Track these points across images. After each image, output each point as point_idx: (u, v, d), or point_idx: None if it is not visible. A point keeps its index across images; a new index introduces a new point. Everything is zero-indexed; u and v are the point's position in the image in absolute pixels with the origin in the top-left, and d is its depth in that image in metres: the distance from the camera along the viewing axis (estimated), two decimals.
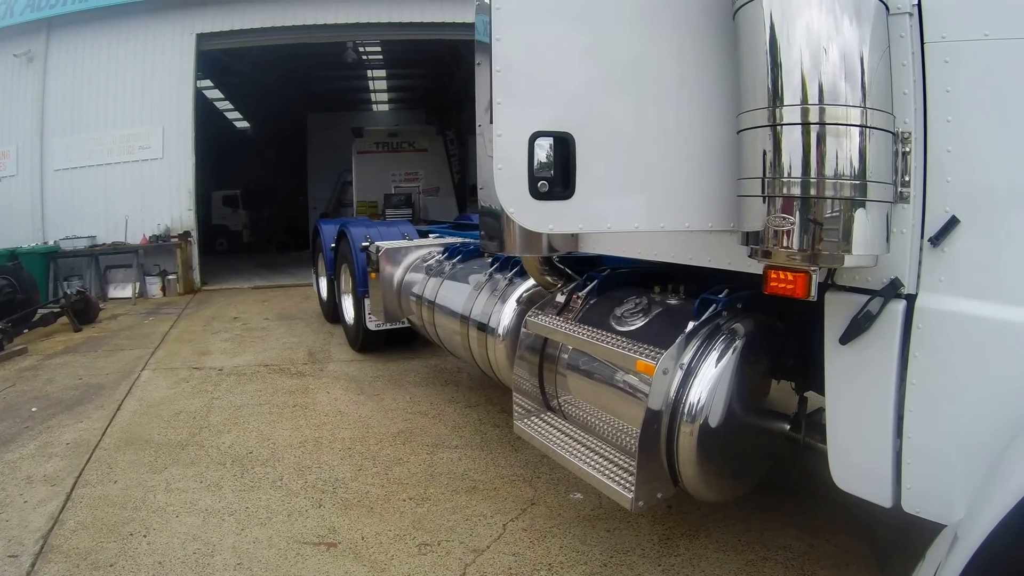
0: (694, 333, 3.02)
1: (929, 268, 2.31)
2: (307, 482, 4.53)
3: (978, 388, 2.19)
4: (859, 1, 2.12)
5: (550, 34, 2.35)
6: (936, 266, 2.29)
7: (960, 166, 2.22)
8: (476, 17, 2.60)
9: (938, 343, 2.28)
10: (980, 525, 1.81)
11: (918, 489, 2.40)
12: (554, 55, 2.36)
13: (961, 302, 2.22)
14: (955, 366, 2.25)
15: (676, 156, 2.57)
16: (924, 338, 2.31)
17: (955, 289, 2.24)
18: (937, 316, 2.27)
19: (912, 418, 2.36)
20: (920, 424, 2.35)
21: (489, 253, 5.12)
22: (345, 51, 18.27)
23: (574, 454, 3.37)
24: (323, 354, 8.16)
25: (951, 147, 2.23)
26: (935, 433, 2.32)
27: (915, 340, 2.33)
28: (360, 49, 19.62)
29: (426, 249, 6.76)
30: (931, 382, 2.30)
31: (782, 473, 4.19)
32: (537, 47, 2.33)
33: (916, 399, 2.35)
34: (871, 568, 3.60)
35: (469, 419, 5.75)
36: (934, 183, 2.28)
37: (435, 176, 21.11)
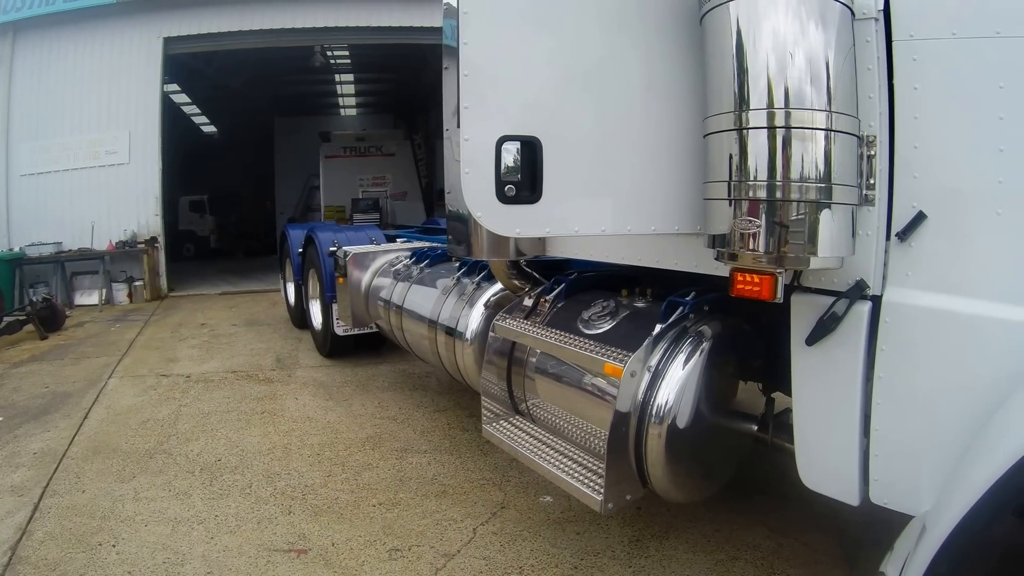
0: (661, 335, 3.04)
1: (896, 263, 2.34)
2: (276, 489, 4.49)
3: (944, 381, 2.22)
4: (825, 6, 2.15)
5: (517, 38, 2.35)
6: (903, 261, 2.32)
7: (927, 163, 2.26)
8: (444, 21, 2.60)
9: (904, 336, 2.31)
10: (948, 515, 1.83)
11: (885, 481, 2.43)
12: (521, 59, 2.36)
13: (927, 296, 2.25)
14: (921, 359, 2.28)
15: (643, 160, 2.58)
16: (891, 332, 2.34)
17: (921, 284, 2.28)
18: (903, 310, 2.31)
19: (879, 411, 2.40)
20: (887, 417, 2.38)
21: (457, 257, 5.12)
22: (313, 55, 18.13)
23: (543, 457, 3.37)
24: (291, 360, 8.09)
25: (918, 144, 2.27)
26: (902, 425, 2.35)
27: (882, 334, 2.36)
28: (328, 53, 19.49)
29: (394, 254, 6.73)
30: (898, 375, 2.33)
31: (750, 473, 4.23)
32: (504, 51, 2.33)
33: (883, 392, 2.38)
34: (840, 566, 3.65)
35: (438, 423, 5.73)
36: (901, 179, 2.31)
37: (403, 180, 21.02)
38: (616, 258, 3.49)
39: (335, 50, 19.77)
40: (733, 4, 2.20)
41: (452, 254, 4.09)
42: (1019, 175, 2.07)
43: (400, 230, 9.36)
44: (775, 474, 4.25)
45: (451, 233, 3.51)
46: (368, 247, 7.03)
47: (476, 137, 2.32)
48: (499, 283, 4.38)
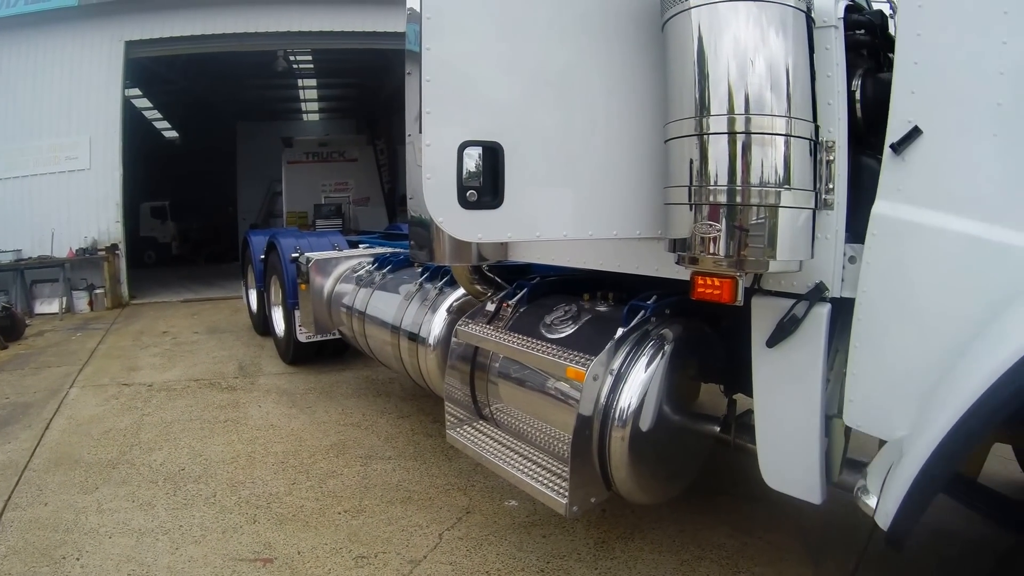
0: (623, 339, 3.06)
1: (887, 177, 2.31)
2: (241, 498, 4.43)
3: (927, 299, 2.21)
4: (785, 14, 2.19)
5: (480, 44, 2.36)
6: (894, 175, 2.29)
7: (925, 78, 2.22)
8: (407, 26, 2.60)
9: (890, 250, 2.30)
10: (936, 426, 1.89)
11: (861, 402, 2.41)
12: (484, 65, 2.37)
13: (916, 211, 2.23)
14: (905, 274, 2.26)
15: (604, 165, 2.61)
16: (876, 245, 2.33)
17: (911, 199, 2.25)
18: (891, 224, 2.29)
19: (859, 327, 2.38)
20: (867, 334, 2.37)
21: (419, 263, 5.13)
22: (276, 60, 17.94)
23: (507, 462, 3.38)
24: (254, 367, 7.99)
25: (918, 60, 2.23)
26: (882, 343, 2.34)
27: (868, 247, 2.35)
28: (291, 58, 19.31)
29: (356, 260, 6.70)
30: (881, 291, 2.32)
31: (714, 474, 4.29)
32: (467, 57, 2.34)
33: (864, 309, 2.36)
34: (804, 563, 3.71)
35: (402, 429, 5.71)
36: (899, 94, 2.27)
37: (365, 186, 20.95)
38: (578, 262, 3.52)
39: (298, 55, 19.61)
40: (695, 11, 2.24)
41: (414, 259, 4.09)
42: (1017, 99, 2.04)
43: (363, 236, 9.32)
44: (738, 474, 4.33)
45: (413, 238, 3.51)
46: (330, 253, 6.99)
47: (438, 142, 2.33)
48: (461, 288, 4.38)
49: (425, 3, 2.26)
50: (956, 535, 4.03)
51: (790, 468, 2.76)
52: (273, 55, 17.49)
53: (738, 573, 3.61)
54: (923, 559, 3.81)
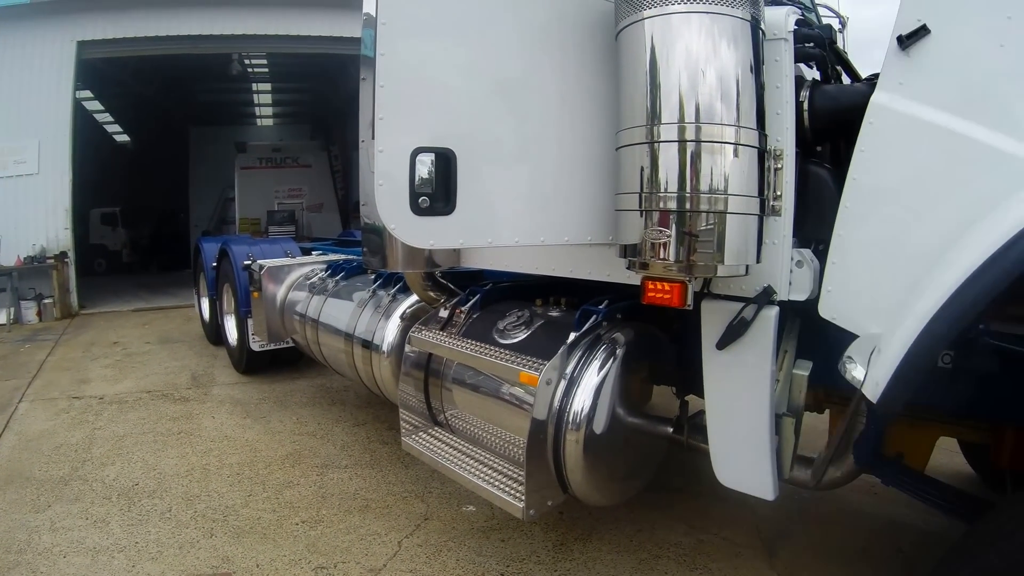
0: (576, 343, 3.09)
1: (889, 70, 2.32)
2: (197, 512, 4.36)
3: (915, 194, 2.23)
4: (736, 27, 2.23)
5: (435, 51, 2.35)
6: (896, 68, 2.30)
7: None
8: (363, 31, 2.58)
9: (885, 140, 2.30)
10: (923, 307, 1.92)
11: (838, 292, 2.43)
12: (438, 72, 2.36)
13: (914, 106, 2.24)
14: (897, 167, 2.28)
15: (557, 172, 2.62)
16: (872, 134, 2.33)
17: (911, 95, 2.26)
18: (888, 115, 2.30)
19: (845, 214, 2.39)
20: (852, 221, 2.37)
21: (372, 269, 5.11)
22: (230, 63, 17.67)
23: (463, 467, 3.38)
24: (207, 377, 7.87)
25: None
26: (865, 230, 2.35)
27: (863, 134, 2.35)
28: (246, 61, 19.05)
29: (309, 267, 6.63)
30: (870, 180, 2.33)
31: (669, 474, 4.36)
32: (422, 63, 2.33)
33: (852, 196, 2.37)
34: (760, 557, 3.81)
35: (357, 437, 5.69)
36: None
37: (319, 192, 20.72)
38: (531, 268, 3.53)
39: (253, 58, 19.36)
40: (648, 22, 2.26)
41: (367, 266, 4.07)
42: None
43: (316, 242, 9.23)
44: (692, 474, 4.41)
45: (366, 245, 3.49)
46: (283, 260, 6.92)
47: (391, 149, 2.32)
48: (415, 295, 4.37)
49: (381, 8, 2.25)
50: (909, 526, 4.17)
51: (742, 466, 2.81)
52: (228, 58, 17.23)
53: (695, 570, 3.67)
54: (878, 550, 3.93)
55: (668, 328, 3.46)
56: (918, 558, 3.78)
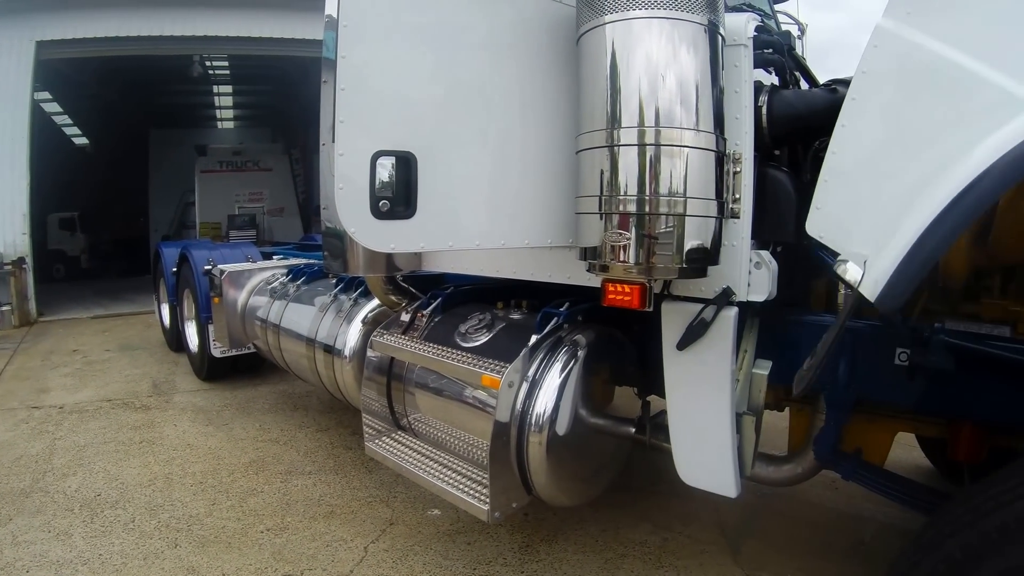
0: (537, 346, 3.10)
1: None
2: (161, 522, 4.29)
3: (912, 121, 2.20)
4: (697, 32, 2.25)
5: (396, 54, 2.34)
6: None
7: None
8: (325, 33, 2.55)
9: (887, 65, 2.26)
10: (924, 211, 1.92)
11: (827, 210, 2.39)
12: (400, 75, 2.35)
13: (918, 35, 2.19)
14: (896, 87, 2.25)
15: (517, 176, 2.63)
16: (875, 56, 2.29)
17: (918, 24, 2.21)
18: (892, 40, 2.25)
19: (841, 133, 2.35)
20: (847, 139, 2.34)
21: (333, 274, 5.06)
22: (191, 65, 17.41)
23: (428, 471, 3.38)
24: (168, 385, 7.74)
25: None
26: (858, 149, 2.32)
27: (865, 57, 2.30)
28: (207, 63, 18.78)
29: (270, 271, 6.58)
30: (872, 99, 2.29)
31: (632, 474, 4.39)
32: (383, 66, 2.32)
33: (849, 113, 2.33)
34: (724, 553, 3.86)
35: (321, 443, 5.65)
36: None
37: (280, 196, 20.54)
38: (492, 271, 3.53)
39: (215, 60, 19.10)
40: (609, 27, 2.28)
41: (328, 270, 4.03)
42: None
43: (277, 247, 9.14)
44: (656, 473, 4.45)
45: (327, 249, 3.45)
46: (244, 265, 6.85)
47: (351, 152, 2.30)
48: (376, 299, 4.36)
49: (342, 11, 2.23)
50: (870, 519, 4.27)
51: (704, 464, 2.84)
52: (189, 60, 16.99)
53: (661, 568, 3.71)
54: (841, 543, 4.00)
55: (629, 329, 3.49)
56: (880, 550, 3.86)
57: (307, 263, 6.46)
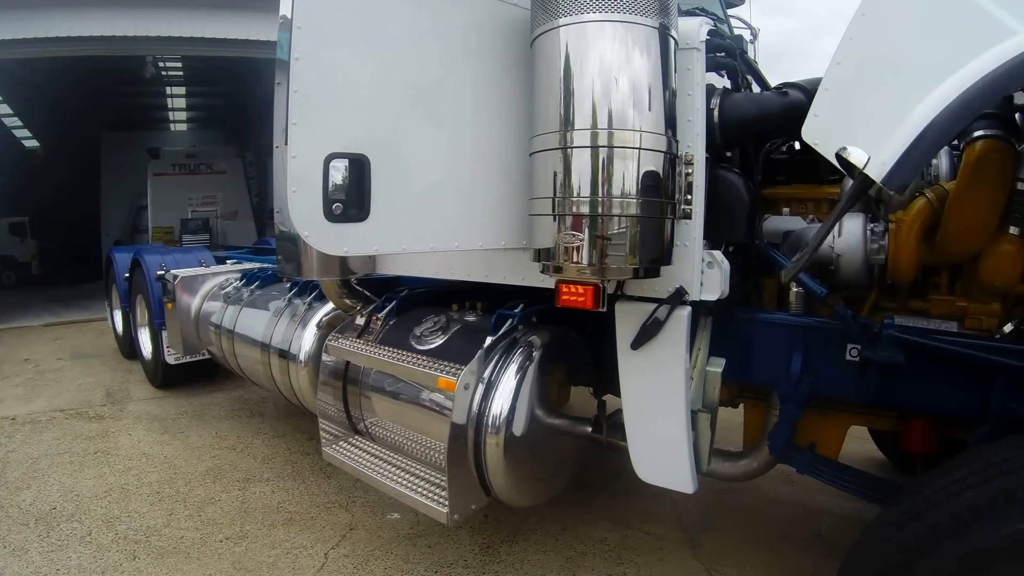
0: (492, 347, 3.11)
1: None
2: (118, 534, 4.20)
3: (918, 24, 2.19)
4: (650, 36, 2.27)
5: (351, 56, 2.31)
6: None
7: None
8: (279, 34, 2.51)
9: None
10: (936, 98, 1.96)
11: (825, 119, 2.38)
12: (353, 77, 2.32)
13: None
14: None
15: (471, 178, 2.62)
16: None
17: None
18: None
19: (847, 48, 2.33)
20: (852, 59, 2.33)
21: (287, 278, 5.03)
22: (144, 66, 17.03)
23: (386, 475, 3.36)
24: (122, 393, 7.58)
25: None
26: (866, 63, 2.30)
27: None
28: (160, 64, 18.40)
29: (224, 276, 6.49)
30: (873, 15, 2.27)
31: (590, 472, 4.43)
32: (337, 68, 2.29)
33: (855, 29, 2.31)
34: (684, 549, 3.91)
35: (278, 450, 5.59)
36: None
37: (233, 199, 20.12)
38: (446, 274, 3.52)
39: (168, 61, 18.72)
40: (563, 29, 2.28)
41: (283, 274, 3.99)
42: None
43: (230, 251, 9.02)
44: (613, 471, 4.49)
45: (281, 253, 3.41)
46: (197, 270, 6.73)
47: (304, 154, 2.26)
48: (331, 302, 4.33)
49: (296, 12, 2.19)
50: (826, 511, 4.37)
51: (661, 462, 2.87)
52: (142, 61, 16.63)
53: (621, 564, 3.74)
54: (798, 535, 4.09)
55: (583, 330, 3.51)
56: (836, 541, 3.93)
57: (261, 267, 6.39)
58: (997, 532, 1.77)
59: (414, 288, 4.02)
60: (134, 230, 23.20)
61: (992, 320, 2.72)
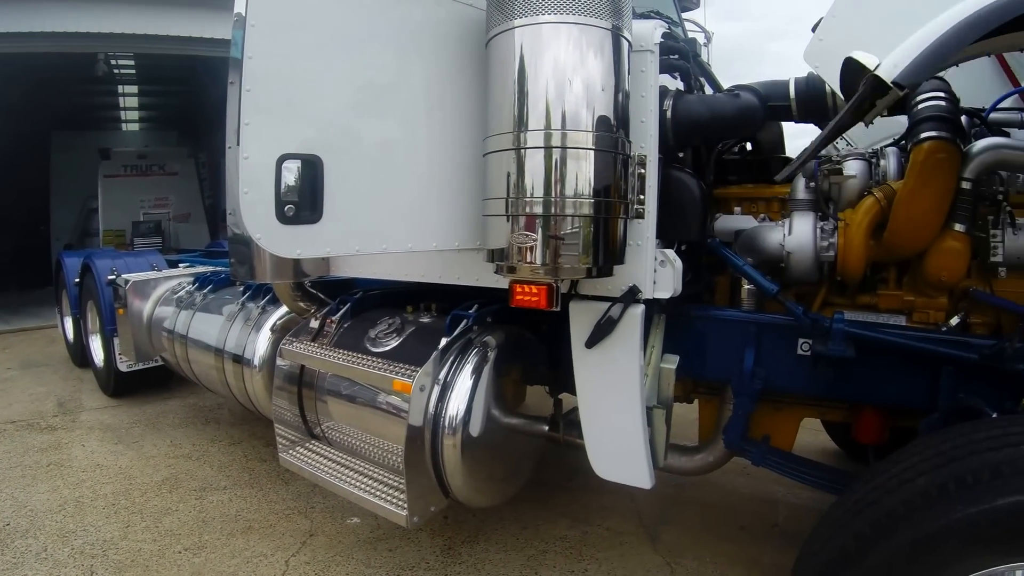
0: (448, 348, 3.10)
1: None
2: (74, 548, 4.09)
3: None
4: (604, 37, 2.29)
5: (304, 55, 2.29)
6: None
7: None
8: (233, 32, 2.46)
9: None
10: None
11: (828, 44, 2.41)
12: (307, 76, 2.30)
13: None
14: None
15: (425, 179, 2.62)
16: None
17: None
18: None
19: None
20: None
21: (240, 281, 4.97)
22: (96, 64, 16.57)
23: (344, 480, 3.34)
24: (74, 403, 7.39)
25: None
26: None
27: None
28: (112, 62, 17.94)
29: (176, 280, 6.36)
30: None
31: (549, 471, 4.45)
32: (290, 68, 2.26)
33: None
34: (644, 543, 3.96)
35: (235, 457, 5.50)
36: None
37: (186, 201, 19.71)
38: (401, 275, 3.52)
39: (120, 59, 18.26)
40: (519, 30, 2.29)
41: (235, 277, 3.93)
42: None
43: (183, 254, 8.85)
44: (572, 469, 4.53)
45: (234, 256, 3.37)
46: (149, 274, 6.59)
47: (256, 155, 2.23)
48: (285, 306, 4.27)
49: (251, 9, 2.16)
50: (782, 501, 4.46)
51: (618, 458, 2.90)
52: (93, 58, 16.16)
53: (582, 561, 3.77)
54: (755, 526, 4.17)
55: (538, 329, 3.54)
56: (793, 530, 4.04)
57: (214, 271, 6.28)
58: (948, 517, 1.84)
59: (369, 290, 4.00)
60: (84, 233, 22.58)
61: (939, 314, 2.80)
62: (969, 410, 2.51)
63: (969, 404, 2.53)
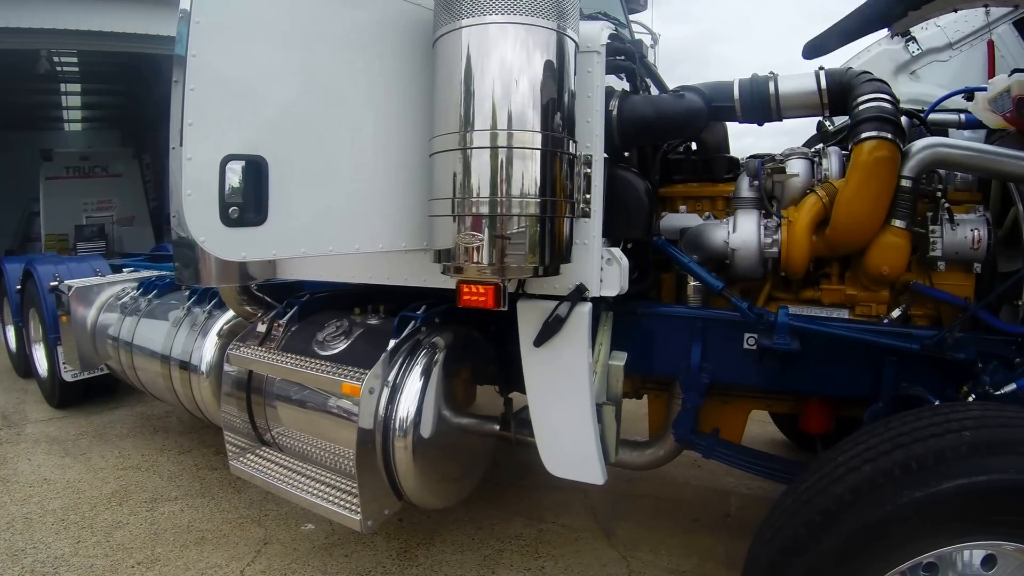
0: (396, 350, 3.10)
1: None
2: (24, 567, 3.96)
3: None
4: (551, 38, 2.31)
5: (249, 54, 2.24)
6: None
7: None
8: (178, 29, 2.41)
9: None
10: None
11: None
12: (252, 75, 2.26)
13: None
14: None
15: (370, 180, 2.60)
16: None
17: None
18: None
19: None
20: None
21: (186, 285, 4.87)
22: (38, 61, 16.02)
23: (296, 486, 3.30)
24: (18, 415, 7.16)
25: None
26: None
27: None
28: (55, 59, 17.37)
29: (120, 285, 6.21)
30: None
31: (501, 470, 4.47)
32: (235, 66, 2.22)
33: None
34: (599, 538, 4.00)
35: (185, 466, 5.40)
36: None
37: (130, 204, 19.17)
38: (348, 277, 3.48)
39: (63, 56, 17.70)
40: (466, 30, 2.29)
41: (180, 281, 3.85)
42: None
43: (127, 259, 8.65)
44: (524, 467, 4.55)
45: (178, 259, 3.31)
46: (92, 280, 6.42)
47: (200, 156, 2.19)
48: (231, 310, 4.22)
49: (195, 5, 2.11)
50: (733, 492, 4.54)
51: (570, 455, 2.93)
52: (35, 55, 15.63)
53: (539, 558, 3.80)
54: (708, 517, 4.24)
55: (487, 329, 3.55)
56: (745, 519, 4.11)
57: (159, 275, 6.15)
58: (895, 502, 1.92)
59: (316, 292, 3.96)
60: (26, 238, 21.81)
61: (881, 307, 2.90)
62: (912, 398, 2.59)
63: (912, 393, 2.62)
